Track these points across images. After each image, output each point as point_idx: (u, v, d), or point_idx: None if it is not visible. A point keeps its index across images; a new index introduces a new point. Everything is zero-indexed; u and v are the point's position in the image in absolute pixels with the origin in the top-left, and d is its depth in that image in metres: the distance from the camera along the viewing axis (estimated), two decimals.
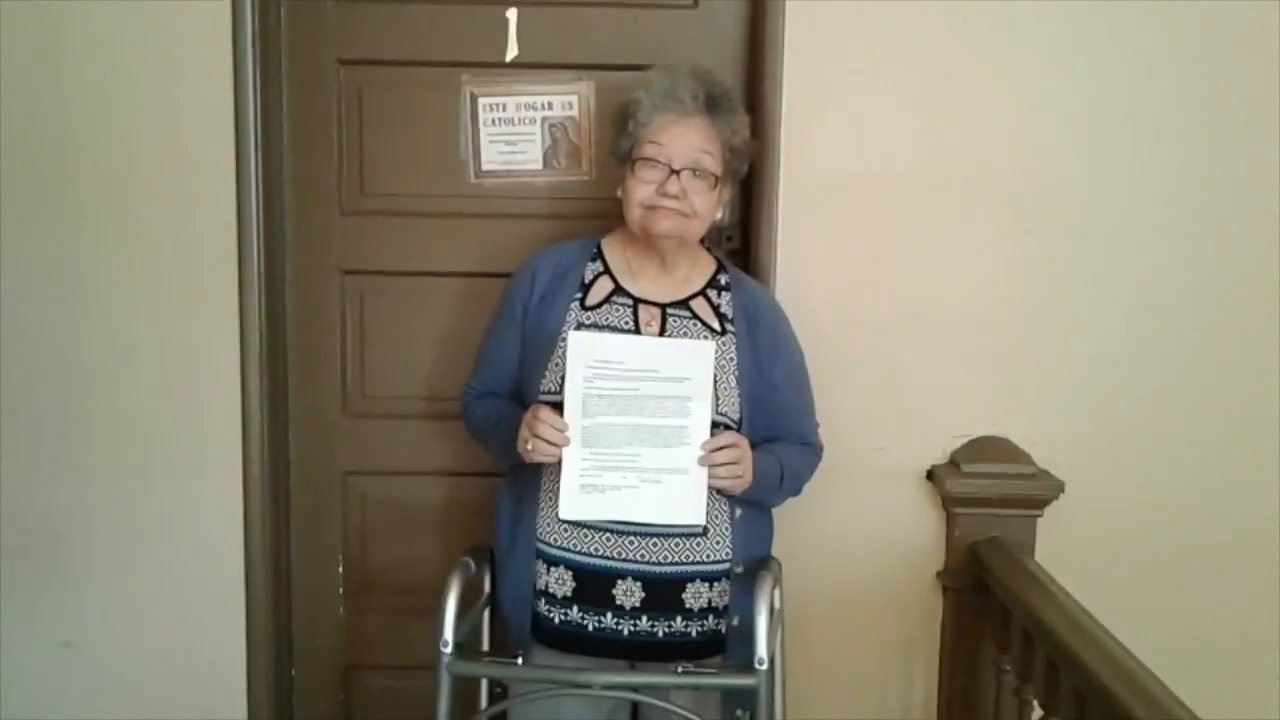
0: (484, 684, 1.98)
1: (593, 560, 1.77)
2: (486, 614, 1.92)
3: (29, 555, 2.18)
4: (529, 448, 1.69)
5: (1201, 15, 2.08)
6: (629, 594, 1.77)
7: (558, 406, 1.69)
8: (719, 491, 1.76)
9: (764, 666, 1.62)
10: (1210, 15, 2.08)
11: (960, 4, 2.07)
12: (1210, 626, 2.19)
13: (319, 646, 2.30)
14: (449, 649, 1.66)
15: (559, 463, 1.68)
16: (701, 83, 1.80)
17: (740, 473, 1.72)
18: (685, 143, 1.77)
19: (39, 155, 2.09)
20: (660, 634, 1.78)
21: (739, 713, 1.74)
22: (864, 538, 2.18)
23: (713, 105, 1.79)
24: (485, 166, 2.19)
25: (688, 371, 1.68)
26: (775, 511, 1.94)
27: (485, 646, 1.93)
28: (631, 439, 1.68)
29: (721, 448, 1.70)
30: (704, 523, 1.73)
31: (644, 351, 1.70)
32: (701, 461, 1.68)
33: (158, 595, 2.20)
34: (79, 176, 2.10)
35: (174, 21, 2.06)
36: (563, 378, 1.69)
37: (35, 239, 2.11)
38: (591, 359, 1.67)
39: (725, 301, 1.88)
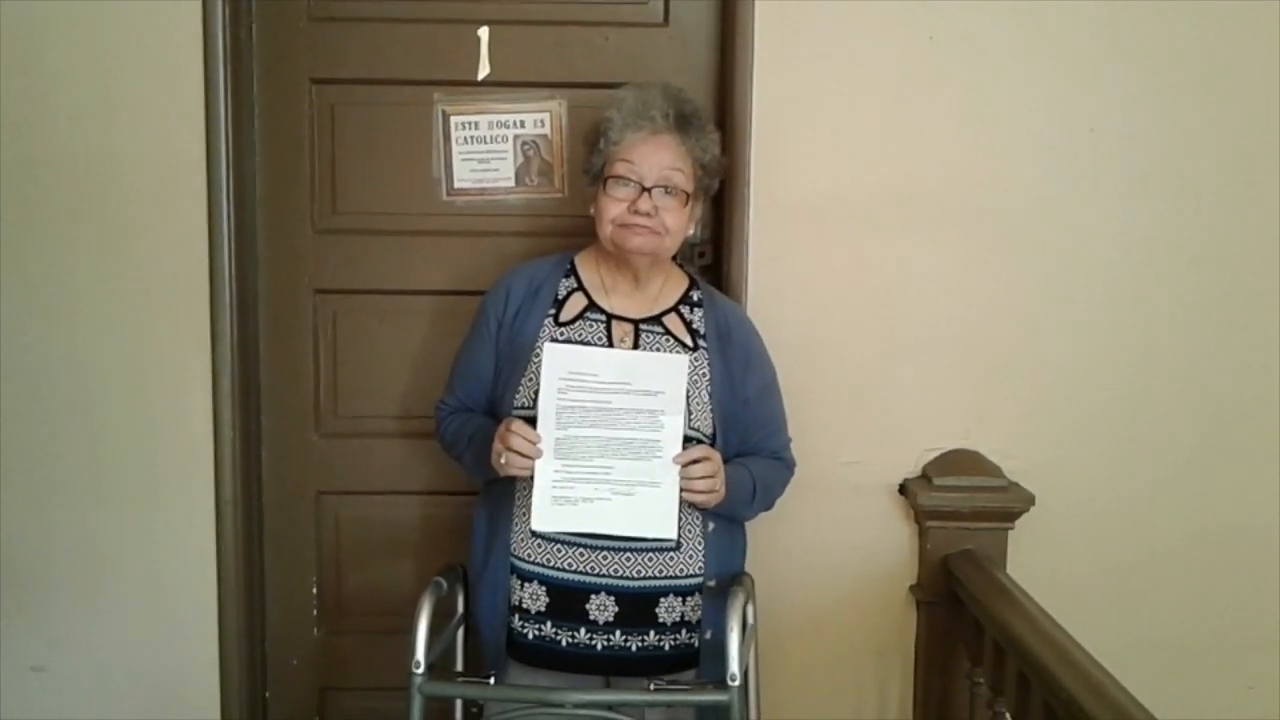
0: (459, 704, 1.97)
1: (566, 575, 1.77)
2: (460, 633, 1.92)
3: None
4: (502, 461, 1.70)
5: (1166, 32, 2.11)
6: (602, 609, 1.77)
7: (532, 421, 1.70)
8: (691, 505, 1.77)
9: (736, 683, 1.62)
10: (1174, 32, 2.11)
11: (927, 22, 2.09)
12: (1182, 634, 2.21)
13: (293, 668, 2.29)
14: (420, 670, 1.66)
15: (532, 476, 1.69)
16: (672, 101, 1.81)
17: (715, 486, 1.73)
18: (656, 160, 1.78)
19: (8, 176, 2.08)
20: (634, 648, 1.78)
21: None
22: (837, 551, 2.19)
23: (683, 123, 1.81)
24: (458, 184, 2.19)
25: (660, 384, 1.69)
26: (748, 526, 1.94)
27: (459, 666, 1.92)
28: (604, 451, 1.69)
29: (695, 460, 1.71)
30: (675, 536, 1.74)
31: (617, 364, 1.71)
32: (677, 461, 1.69)
33: (130, 617, 2.18)
34: (49, 196, 2.09)
35: (145, 40, 2.06)
36: (537, 391, 1.70)
37: (3, 257, 2.10)
38: (565, 371, 1.68)
39: (698, 317, 1.89)
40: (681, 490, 1.71)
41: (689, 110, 1.83)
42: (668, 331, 1.86)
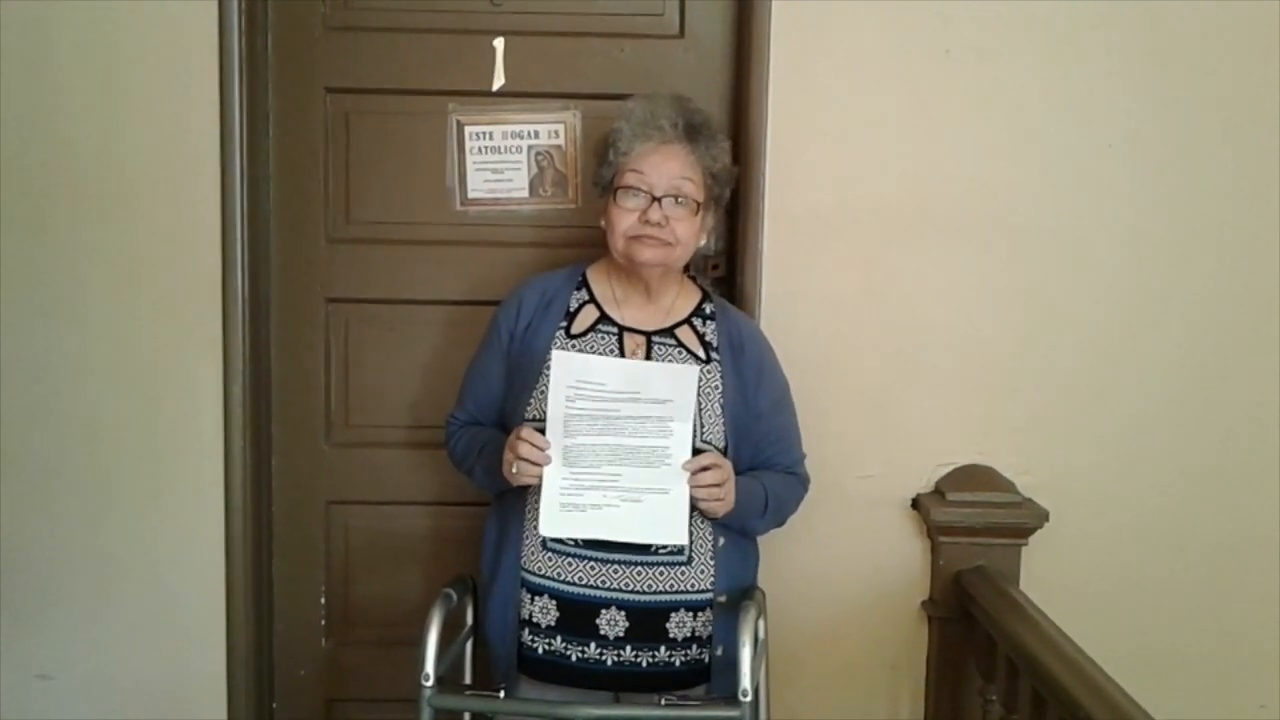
0: (467, 718, 1.96)
1: (576, 589, 1.76)
2: (469, 646, 1.91)
3: (5, 585, 2.15)
4: (514, 470, 1.69)
5: (1182, 48, 2.10)
6: (613, 624, 1.76)
7: (543, 431, 1.69)
8: (702, 516, 1.75)
9: (748, 698, 1.60)
10: (1191, 48, 2.10)
11: (944, 36, 2.08)
12: (1195, 652, 2.19)
13: (301, 678, 2.28)
14: (430, 682, 1.65)
15: (541, 485, 1.68)
16: (680, 110, 1.81)
17: (721, 495, 1.72)
18: (665, 170, 1.78)
19: (24, 181, 2.09)
20: (644, 664, 1.77)
21: None
22: (849, 566, 2.17)
23: (692, 132, 1.81)
24: (471, 194, 2.19)
25: (670, 394, 1.68)
26: (760, 540, 1.93)
27: (468, 679, 1.91)
28: (612, 458, 1.67)
29: (705, 468, 1.70)
30: (685, 542, 1.72)
31: (627, 374, 1.70)
32: (686, 468, 1.67)
33: (138, 626, 2.18)
34: (63, 203, 2.09)
35: (160, 48, 2.06)
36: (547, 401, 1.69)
37: (16, 263, 2.10)
38: (573, 379, 1.67)
39: (710, 330, 1.88)
40: (691, 497, 1.69)
41: (698, 119, 1.83)
42: (680, 344, 1.85)
